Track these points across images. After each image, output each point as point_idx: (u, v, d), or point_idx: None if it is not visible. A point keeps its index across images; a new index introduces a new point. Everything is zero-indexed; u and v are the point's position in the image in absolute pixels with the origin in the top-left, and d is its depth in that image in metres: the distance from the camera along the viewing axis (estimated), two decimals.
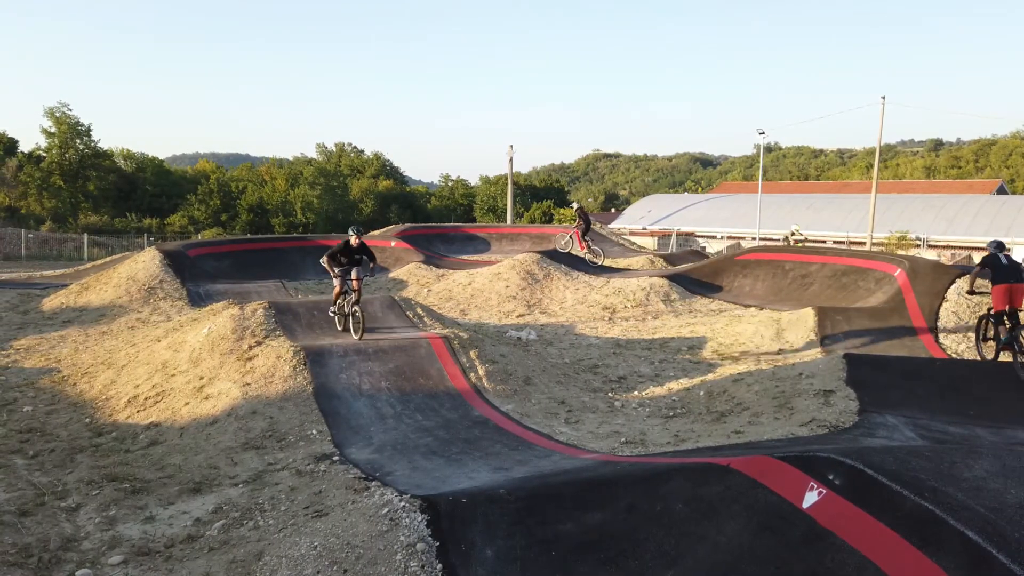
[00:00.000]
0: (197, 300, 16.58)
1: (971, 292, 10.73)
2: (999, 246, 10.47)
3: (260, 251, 23.90)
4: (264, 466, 7.13)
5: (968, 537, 3.41)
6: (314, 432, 7.86)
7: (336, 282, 11.14)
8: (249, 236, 37.07)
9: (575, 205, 24.49)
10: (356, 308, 10.71)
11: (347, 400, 8.64)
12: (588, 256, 22.17)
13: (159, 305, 16.21)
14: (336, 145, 75.21)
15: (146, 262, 18.34)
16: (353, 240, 11.14)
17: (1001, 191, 52.81)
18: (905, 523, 3.70)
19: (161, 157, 60.99)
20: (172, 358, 10.13)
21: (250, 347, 9.67)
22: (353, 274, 11.04)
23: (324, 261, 11.15)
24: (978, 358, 10.79)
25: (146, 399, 9.10)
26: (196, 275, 19.00)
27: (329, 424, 8.02)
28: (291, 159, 67.57)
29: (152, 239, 36.03)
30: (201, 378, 9.24)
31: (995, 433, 7.07)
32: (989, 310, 10.53)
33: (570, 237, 23.10)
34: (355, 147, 75.22)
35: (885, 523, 3.79)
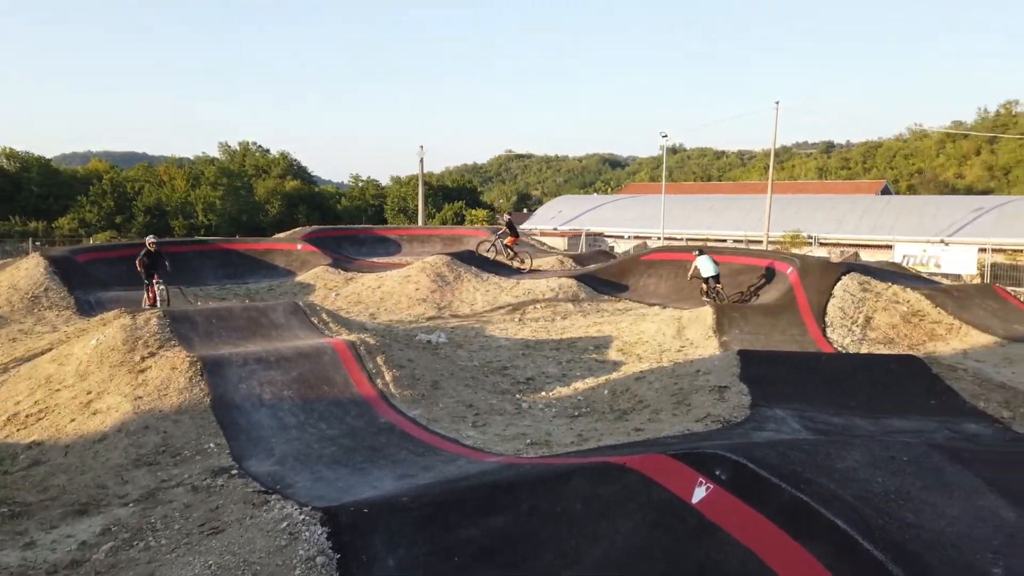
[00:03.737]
0: (87, 309, 15.71)
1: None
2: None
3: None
4: (157, 483, 6.84)
5: (837, 525, 3.64)
6: (211, 445, 7.59)
7: None
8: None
9: (505, 217, 25.81)
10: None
11: (247, 411, 8.39)
12: (515, 263, 22.81)
13: (44, 315, 15.27)
14: (240, 144, 72.71)
15: (29, 269, 17.24)
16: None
17: (885, 191, 56.29)
18: (783, 514, 3.91)
19: (48, 156, 57.37)
20: (57, 372, 9.57)
21: (143, 358, 9.25)
22: None
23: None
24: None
25: (27, 416, 8.55)
26: (86, 282, 17.99)
27: (228, 436, 7.77)
28: (192, 158, 64.90)
29: (39, 243, 33.89)
30: (89, 392, 8.77)
31: (873, 423, 7.55)
32: None
33: (493, 244, 23.51)
34: (260, 146, 73.00)
35: (765, 515, 4.00)
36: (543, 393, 10.38)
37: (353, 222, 51.55)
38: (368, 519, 5.38)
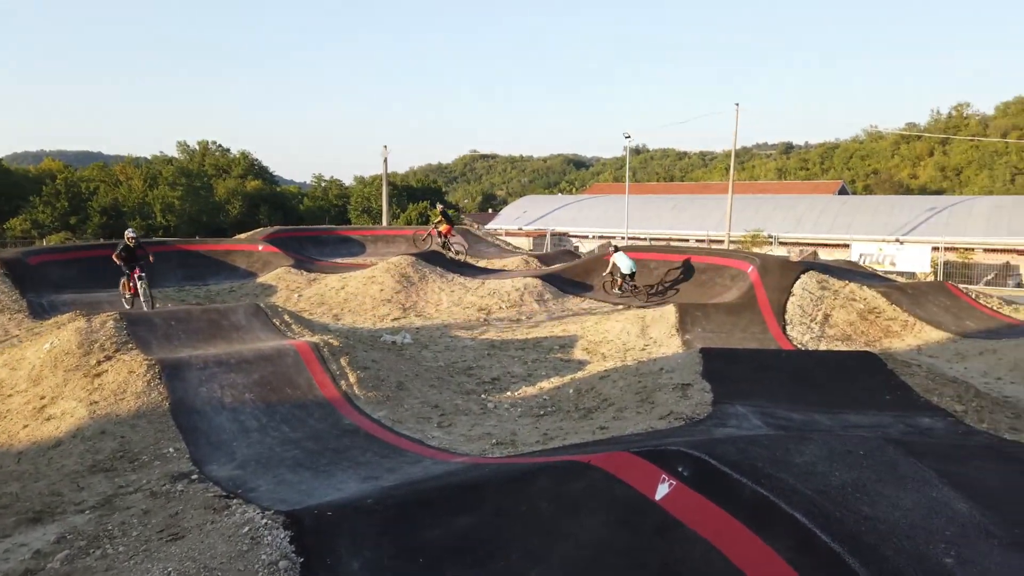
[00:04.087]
0: (40, 312, 15.28)
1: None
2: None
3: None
4: (114, 489, 6.69)
5: (797, 519, 3.71)
6: (171, 450, 7.46)
7: None
8: (102, 241, 34.64)
9: (439, 206, 26.52)
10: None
11: (207, 415, 8.24)
12: (448, 253, 23.08)
13: None
14: (199, 143, 71.36)
15: None
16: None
17: (843, 191, 57.55)
18: (744, 509, 3.98)
19: None
20: (9, 377, 9.30)
21: (99, 362, 9.03)
22: None
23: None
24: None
25: None
26: (39, 285, 17.50)
27: (187, 441, 7.63)
28: (149, 158, 63.52)
29: None
30: (42, 398, 8.54)
31: (831, 418, 7.71)
32: None
33: (428, 234, 24.48)
34: (220, 145, 71.74)
35: (727, 510, 4.06)
36: (508, 393, 10.39)
37: (316, 222, 51.05)
38: (332, 522, 5.33)
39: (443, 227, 23.66)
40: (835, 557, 3.34)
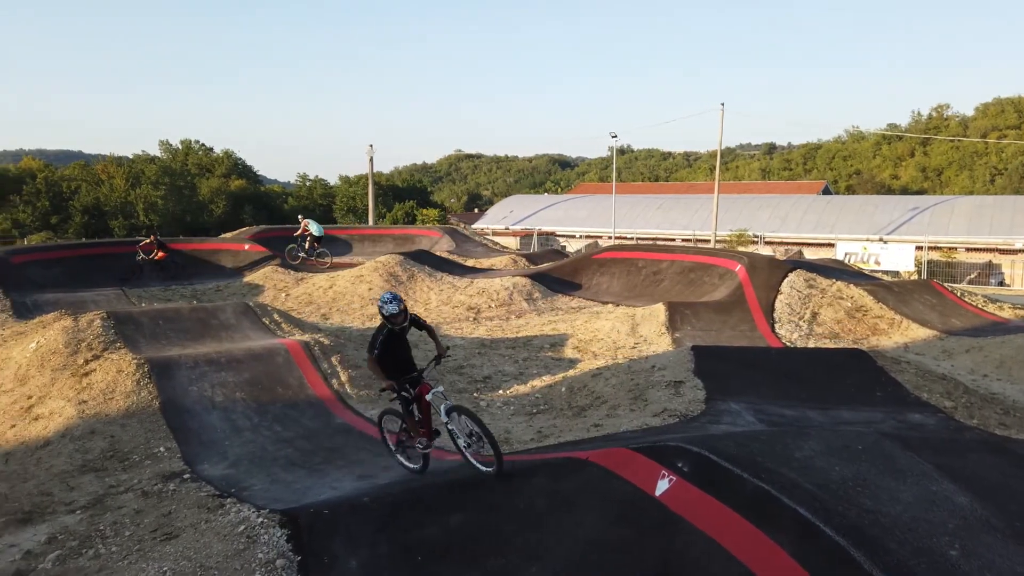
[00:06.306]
0: (23, 312, 15.06)
1: None
2: None
3: (97, 256, 22.05)
4: (105, 489, 6.61)
5: (799, 513, 3.72)
6: (162, 449, 7.38)
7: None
8: (84, 240, 34.31)
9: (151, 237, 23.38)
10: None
11: (199, 414, 8.17)
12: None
13: None
14: (182, 142, 70.59)
15: None
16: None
17: (826, 191, 57.98)
18: (745, 504, 3.98)
19: None
20: None
21: (86, 361, 8.92)
22: None
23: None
24: None
25: None
26: (22, 284, 17.27)
27: (179, 440, 7.56)
28: (131, 157, 62.79)
29: None
30: (29, 397, 8.43)
31: (823, 414, 7.76)
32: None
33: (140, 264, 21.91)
34: (203, 144, 71.04)
35: (728, 505, 4.06)
36: (500, 391, 10.37)
37: None
38: (328, 520, 5.30)
39: (158, 255, 21.78)
40: (840, 550, 3.36)
